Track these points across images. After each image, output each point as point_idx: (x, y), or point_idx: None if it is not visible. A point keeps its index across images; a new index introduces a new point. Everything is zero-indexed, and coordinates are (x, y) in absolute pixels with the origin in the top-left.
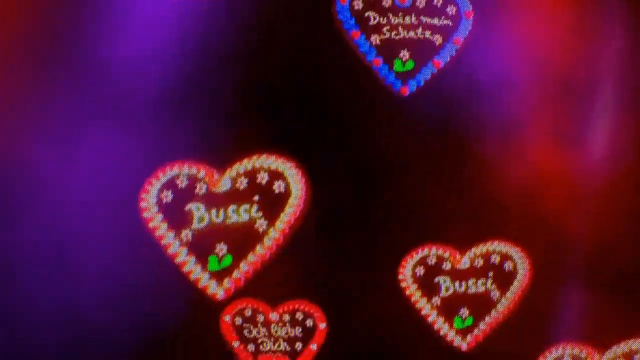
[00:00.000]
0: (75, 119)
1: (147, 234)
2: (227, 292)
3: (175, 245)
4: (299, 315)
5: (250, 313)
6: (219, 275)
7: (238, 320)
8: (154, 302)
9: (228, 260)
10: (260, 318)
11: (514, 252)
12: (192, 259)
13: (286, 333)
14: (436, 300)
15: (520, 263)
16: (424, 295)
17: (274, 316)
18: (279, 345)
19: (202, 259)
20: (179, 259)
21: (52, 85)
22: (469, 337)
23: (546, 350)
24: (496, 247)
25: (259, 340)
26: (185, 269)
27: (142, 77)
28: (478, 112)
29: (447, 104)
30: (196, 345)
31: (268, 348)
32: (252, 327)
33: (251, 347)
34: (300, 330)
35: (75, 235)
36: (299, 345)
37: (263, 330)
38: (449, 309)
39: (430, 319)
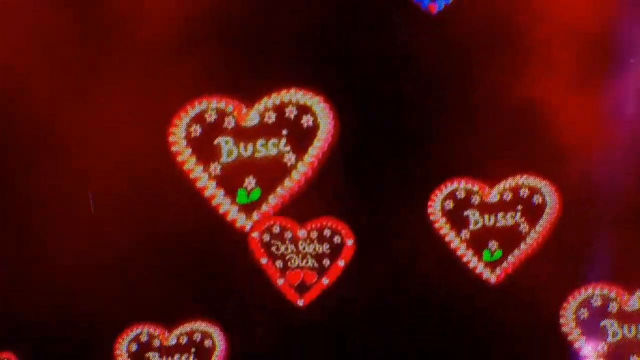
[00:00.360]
0: (109, 53)
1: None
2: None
3: (204, 179)
4: (327, 232)
5: (278, 230)
6: (248, 209)
7: (266, 237)
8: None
9: (257, 194)
10: (288, 235)
11: (543, 185)
12: (221, 192)
13: (314, 250)
14: (465, 233)
15: (549, 196)
16: (453, 229)
17: (301, 233)
18: (306, 262)
19: (231, 192)
20: (207, 192)
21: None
22: (497, 270)
23: (576, 289)
24: (525, 180)
25: (287, 257)
26: (214, 202)
27: (174, 13)
28: (509, 37)
29: (475, 27)
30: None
31: (296, 264)
32: (280, 243)
33: (279, 263)
34: (327, 247)
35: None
36: (326, 262)
37: (291, 247)
38: (478, 242)
39: (459, 252)
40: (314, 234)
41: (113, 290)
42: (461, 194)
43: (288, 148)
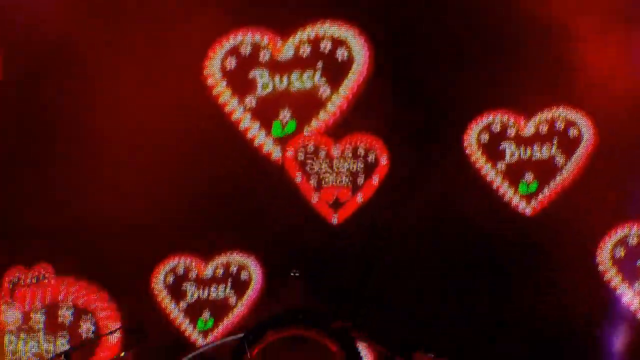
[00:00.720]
0: None
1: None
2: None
3: (239, 111)
4: (361, 150)
5: (312, 148)
6: (283, 141)
7: (301, 155)
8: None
9: (292, 126)
10: (323, 152)
11: (579, 118)
12: (256, 124)
13: (348, 167)
14: (501, 165)
15: (585, 129)
16: (489, 161)
17: (336, 150)
18: (340, 179)
19: (266, 125)
20: (243, 125)
21: None
22: (533, 202)
23: (612, 228)
24: (561, 113)
25: (322, 174)
26: (249, 134)
27: None
28: None
29: None
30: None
31: (330, 181)
32: (314, 161)
33: (314, 180)
34: (361, 164)
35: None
36: (360, 179)
37: (325, 164)
38: (513, 175)
39: (495, 184)
40: (348, 152)
41: (150, 222)
42: (497, 127)
43: (323, 81)
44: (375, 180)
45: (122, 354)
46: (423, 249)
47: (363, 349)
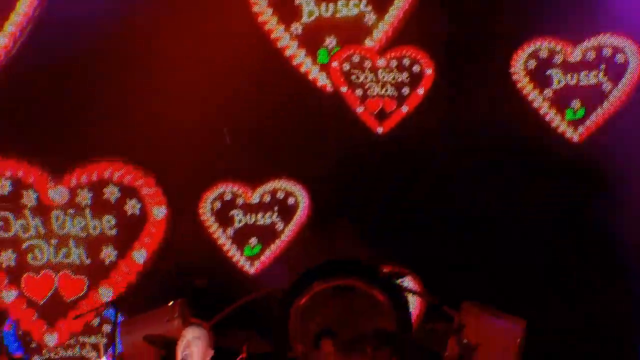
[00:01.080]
0: None
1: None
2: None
3: (285, 39)
4: (406, 61)
5: (357, 59)
6: (329, 68)
7: (346, 67)
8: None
9: None
10: (368, 64)
11: (627, 45)
12: (302, 52)
13: (393, 78)
14: (547, 92)
15: (632, 56)
16: (535, 88)
17: (381, 62)
18: (386, 90)
19: (312, 52)
20: (288, 52)
21: None
22: (580, 129)
23: None
24: (608, 39)
25: (367, 85)
26: (295, 61)
27: None
28: None
29: None
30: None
31: (375, 93)
32: (359, 72)
33: (359, 91)
34: (406, 75)
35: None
36: (405, 90)
37: (370, 75)
38: (560, 101)
39: (542, 111)
40: (393, 63)
41: (197, 148)
42: (544, 53)
43: (369, 8)
44: (421, 91)
45: (170, 304)
46: (463, 169)
47: (410, 298)
